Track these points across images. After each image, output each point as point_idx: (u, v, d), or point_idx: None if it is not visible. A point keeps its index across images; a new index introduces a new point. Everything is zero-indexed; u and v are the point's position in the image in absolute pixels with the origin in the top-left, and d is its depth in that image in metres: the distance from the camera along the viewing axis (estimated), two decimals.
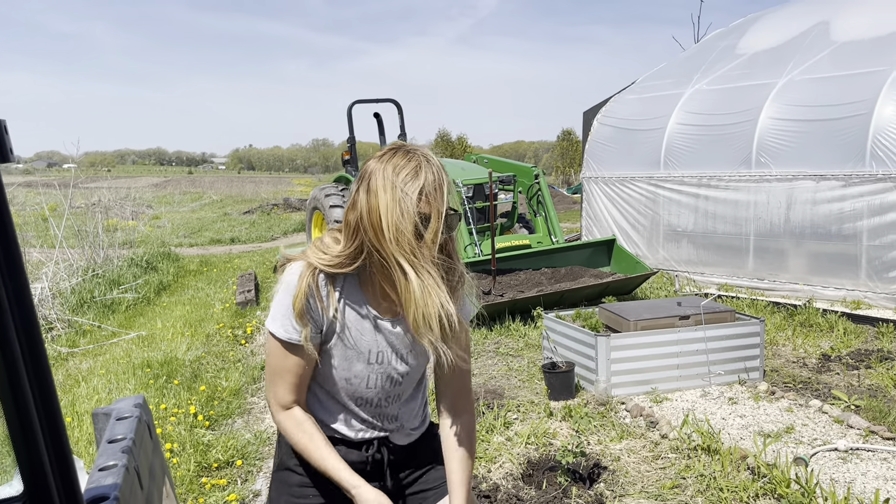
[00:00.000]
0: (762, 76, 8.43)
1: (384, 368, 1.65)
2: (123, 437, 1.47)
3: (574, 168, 35.80)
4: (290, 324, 1.54)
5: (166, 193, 39.12)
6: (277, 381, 1.60)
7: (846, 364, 5.25)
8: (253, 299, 8.29)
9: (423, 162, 1.47)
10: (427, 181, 1.45)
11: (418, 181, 1.44)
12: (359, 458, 1.69)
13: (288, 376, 1.59)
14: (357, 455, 1.69)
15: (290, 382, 1.60)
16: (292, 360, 1.58)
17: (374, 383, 1.66)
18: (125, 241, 13.06)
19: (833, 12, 8.81)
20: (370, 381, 1.65)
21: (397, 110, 10.06)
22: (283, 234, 17.93)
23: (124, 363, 5.83)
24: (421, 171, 1.45)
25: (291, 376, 1.59)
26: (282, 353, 1.57)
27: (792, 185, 7.52)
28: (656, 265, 8.77)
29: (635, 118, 9.52)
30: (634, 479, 3.52)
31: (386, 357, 1.65)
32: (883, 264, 6.84)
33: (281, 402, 1.61)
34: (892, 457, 3.65)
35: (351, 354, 1.61)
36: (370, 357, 1.63)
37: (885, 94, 6.96)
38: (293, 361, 1.58)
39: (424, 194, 1.44)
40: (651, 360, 4.72)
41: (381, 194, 1.45)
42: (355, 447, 1.70)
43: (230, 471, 3.88)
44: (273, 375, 1.61)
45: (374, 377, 1.65)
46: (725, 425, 4.19)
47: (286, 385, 1.60)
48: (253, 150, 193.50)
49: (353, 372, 1.63)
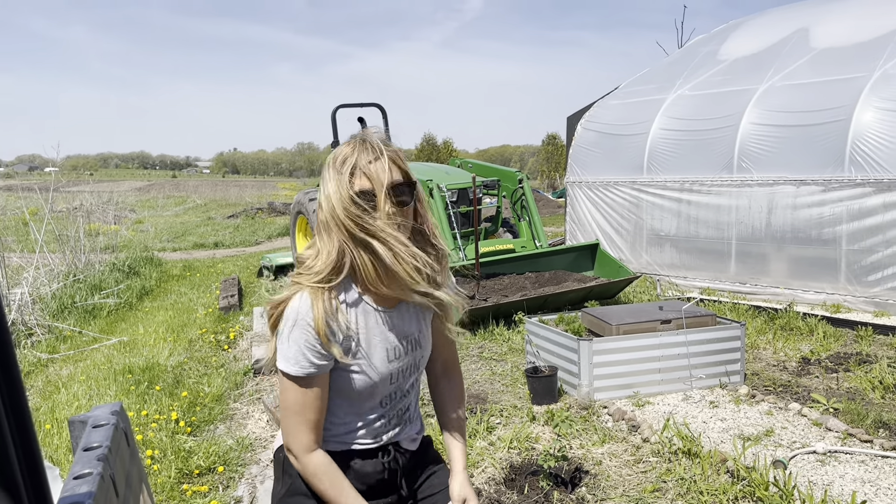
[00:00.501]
0: (743, 82, 8.51)
1: (402, 361, 1.67)
2: (99, 445, 1.46)
3: (559, 172, 35.96)
4: (307, 358, 1.53)
5: (150, 197, 38.88)
6: (298, 422, 1.57)
7: (825, 367, 5.31)
8: (236, 304, 8.25)
9: (358, 143, 1.54)
10: (360, 158, 1.51)
11: (351, 160, 1.51)
12: (374, 469, 1.70)
13: (309, 413, 1.57)
14: (373, 466, 1.70)
15: (311, 420, 1.57)
16: (311, 395, 1.56)
17: (396, 378, 1.68)
18: (107, 245, 12.97)
19: (812, 19, 8.92)
20: (392, 378, 1.67)
21: (382, 115, 10.05)
22: (267, 239, 17.87)
23: (105, 369, 5.78)
24: (355, 151, 1.52)
25: (312, 412, 1.57)
26: (299, 391, 1.56)
27: (773, 189, 7.60)
28: (639, 269, 8.82)
29: (619, 123, 9.59)
30: (616, 483, 3.54)
31: (401, 350, 1.67)
32: (862, 268, 6.93)
33: (304, 447, 1.58)
34: (870, 459, 3.69)
35: (371, 361, 1.62)
36: (389, 355, 1.64)
37: (863, 100, 7.05)
38: (312, 395, 1.56)
39: (358, 170, 1.50)
40: (633, 364, 4.75)
41: (328, 184, 1.52)
42: (371, 457, 1.70)
43: (212, 477, 3.85)
44: (292, 418, 1.57)
45: (395, 373, 1.67)
46: (706, 429, 4.22)
47: (307, 424, 1.57)
48: (238, 154, 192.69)
49: (377, 376, 1.63)
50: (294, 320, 1.53)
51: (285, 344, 1.54)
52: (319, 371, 1.55)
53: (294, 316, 1.53)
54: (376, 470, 1.70)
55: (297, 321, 1.52)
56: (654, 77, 10.09)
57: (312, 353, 1.53)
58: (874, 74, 7.22)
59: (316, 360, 1.53)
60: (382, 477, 1.71)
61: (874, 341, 5.98)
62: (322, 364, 1.55)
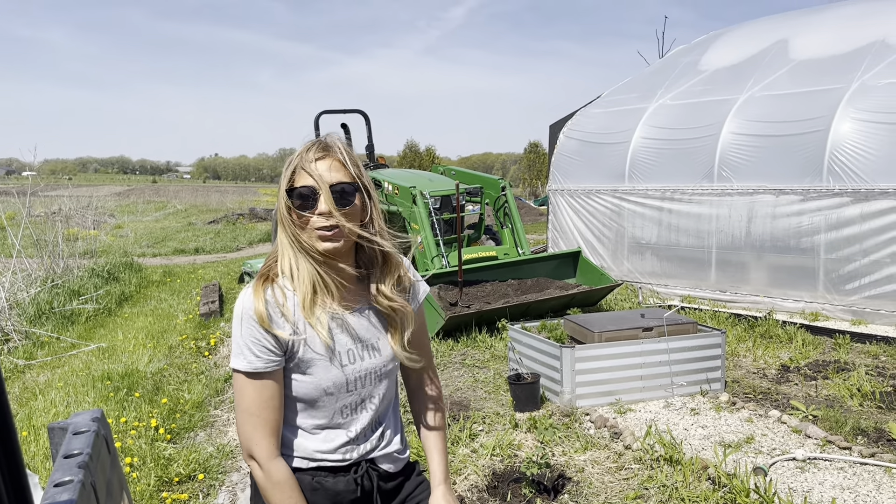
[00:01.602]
0: (724, 92, 8.61)
1: (359, 366, 1.60)
2: (80, 452, 1.44)
3: (541, 180, 36.10)
4: (253, 352, 1.50)
5: (129, 202, 38.52)
6: (255, 424, 1.52)
7: (804, 375, 5.37)
8: (217, 310, 8.19)
9: (312, 144, 1.53)
10: (304, 157, 1.50)
11: (297, 158, 1.51)
12: (346, 487, 1.62)
13: (266, 412, 1.52)
14: (345, 483, 1.62)
15: (270, 421, 1.53)
16: (266, 393, 1.52)
17: (354, 385, 1.60)
18: (86, 250, 12.83)
19: (791, 31, 9.05)
20: (350, 385, 1.59)
21: (365, 121, 10.05)
22: (248, 245, 17.76)
23: (83, 375, 5.71)
24: (301, 150, 1.52)
25: (269, 411, 1.53)
26: (252, 389, 1.52)
27: (752, 199, 7.68)
28: (621, 277, 8.87)
29: (601, 132, 9.65)
30: (598, 490, 3.54)
31: (355, 354, 1.60)
32: (840, 277, 7.01)
33: (262, 452, 1.52)
34: (849, 466, 3.73)
35: (322, 362, 1.56)
36: (342, 359, 1.58)
37: (841, 111, 7.15)
38: (267, 394, 1.52)
39: (299, 167, 1.49)
40: (615, 372, 4.77)
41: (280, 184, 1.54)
42: (343, 472, 1.63)
43: (192, 485, 3.81)
44: (248, 419, 1.53)
45: (352, 379, 1.59)
46: (687, 436, 4.25)
47: (267, 426, 1.53)
48: (219, 160, 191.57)
49: (331, 380, 1.56)
50: (239, 316, 1.52)
51: (234, 340, 1.53)
52: (268, 366, 1.51)
53: (239, 311, 1.52)
54: (349, 488, 1.62)
55: (241, 316, 1.52)
56: (636, 86, 10.18)
57: (258, 347, 1.50)
58: (852, 86, 7.33)
59: (263, 354, 1.50)
60: (356, 496, 1.63)
61: (852, 349, 6.05)
62: (270, 359, 1.51)
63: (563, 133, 10.16)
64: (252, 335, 1.50)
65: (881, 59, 7.47)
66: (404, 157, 42.63)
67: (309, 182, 1.48)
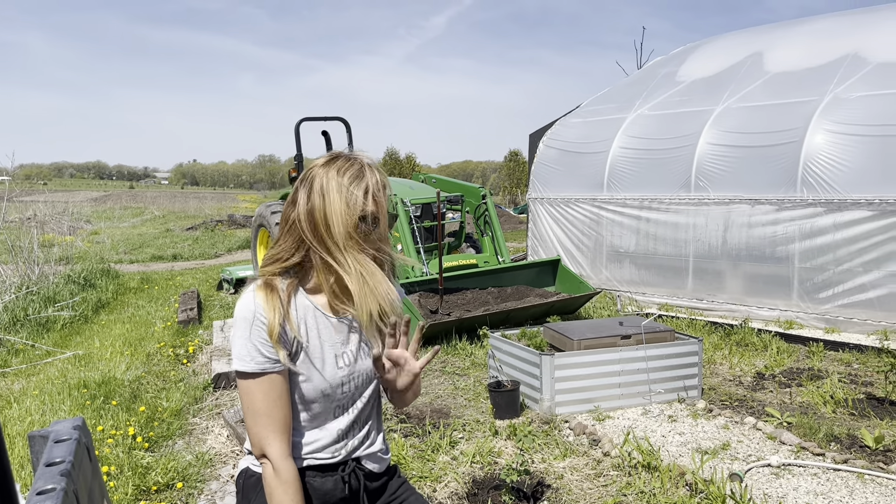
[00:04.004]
0: (700, 103, 8.74)
1: (352, 369, 1.67)
2: (62, 461, 1.45)
3: (521, 189, 36.27)
4: (262, 353, 1.54)
5: (106, 208, 38.12)
6: (265, 423, 1.55)
7: (779, 382, 5.45)
8: (195, 317, 8.14)
9: (365, 165, 1.59)
10: (371, 182, 1.57)
11: (364, 181, 1.56)
12: (336, 486, 1.67)
13: (275, 412, 1.55)
14: (333, 482, 1.67)
15: (281, 419, 1.56)
16: (275, 392, 1.55)
17: (348, 386, 1.66)
18: (62, 256, 12.69)
19: (766, 44, 9.21)
20: (344, 386, 1.66)
21: (345, 128, 10.06)
22: (227, 251, 17.65)
23: (59, 383, 5.65)
24: (365, 173, 1.57)
25: (279, 409, 1.56)
26: (261, 389, 1.55)
27: (729, 208, 7.80)
28: (599, 285, 8.94)
29: (580, 141, 9.74)
30: (577, 497, 3.58)
31: (350, 357, 1.67)
32: (814, 286, 7.13)
33: (275, 451, 1.55)
34: (822, 472, 3.79)
35: (319, 364, 1.62)
36: (338, 361, 1.64)
37: (814, 123, 7.29)
38: (276, 393, 1.56)
39: (371, 194, 1.56)
40: (594, 379, 4.81)
41: (327, 194, 1.55)
42: (330, 471, 1.68)
43: (170, 494, 3.79)
44: (259, 419, 1.55)
45: (346, 381, 1.66)
46: (665, 443, 4.30)
47: (276, 424, 1.56)
48: (197, 166, 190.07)
49: (328, 382, 1.62)
50: (248, 319, 1.54)
51: (238, 343, 1.55)
52: (276, 367, 1.55)
53: (247, 314, 1.55)
54: (337, 487, 1.67)
55: (250, 318, 1.54)
56: (615, 97, 10.29)
57: (266, 348, 1.54)
58: (825, 98, 7.48)
59: (270, 354, 1.54)
60: (344, 495, 1.68)
61: (825, 357, 6.16)
62: (275, 359, 1.55)
63: (543, 142, 10.24)
64: (260, 336, 1.54)
65: (853, 73, 7.63)
66: (384, 164, 42.66)
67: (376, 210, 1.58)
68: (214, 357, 6.24)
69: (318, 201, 1.55)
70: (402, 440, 4.24)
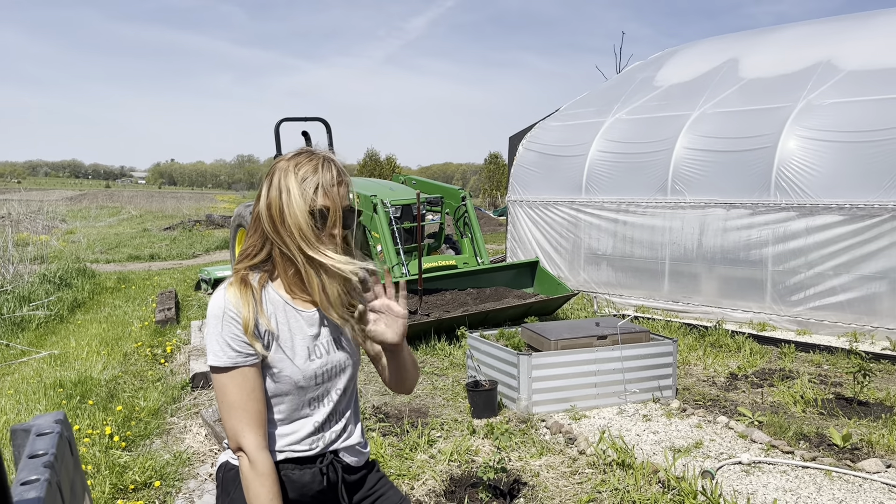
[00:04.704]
0: (677, 108, 8.86)
1: (325, 360, 1.68)
2: (45, 453, 1.46)
3: (500, 191, 36.39)
4: (233, 347, 1.56)
5: (82, 207, 37.67)
6: (240, 416, 1.57)
7: (751, 382, 5.56)
8: (173, 317, 8.10)
9: (322, 161, 1.61)
10: (325, 178, 1.59)
11: (316, 176, 1.58)
12: (314, 479, 1.68)
13: (250, 405, 1.57)
14: (311, 475, 1.68)
15: (255, 412, 1.58)
16: (248, 385, 1.57)
17: (321, 379, 1.68)
18: (37, 256, 12.55)
19: (742, 51, 9.37)
20: (317, 378, 1.67)
21: (326, 129, 10.06)
22: (205, 252, 17.54)
23: (34, 383, 5.61)
24: (320, 168, 1.59)
25: (254, 402, 1.58)
26: (235, 383, 1.57)
27: (704, 212, 7.92)
28: (577, 287, 9.03)
29: (559, 144, 9.83)
30: (553, 494, 3.63)
31: (322, 348, 1.68)
32: (786, 288, 7.27)
33: (250, 444, 1.57)
34: (791, 469, 3.89)
35: (291, 356, 1.63)
36: (310, 354, 1.66)
37: (787, 128, 7.43)
38: (249, 386, 1.57)
39: (322, 188, 1.58)
40: (570, 379, 4.88)
41: (283, 188, 1.59)
42: (309, 464, 1.69)
43: (148, 492, 3.79)
44: (233, 413, 1.57)
45: (319, 373, 1.67)
46: (639, 441, 4.37)
47: (250, 417, 1.57)
48: (175, 165, 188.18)
49: (300, 374, 1.64)
50: (219, 314, 1.57)
51: (210, 339, 1.58)
52: (248, 360, 1.57)
53: (218, 310, 1.58)
54: (315, 479, 1.68)
55: (220, 314, 1.57)
56: (593, 101, 10.40)
57: (237, 343, 1.56)
58: (798, 105, 7.63)
59: (243, 348, 1.57)
60: (322, 488, 1.69)
61: (796, 358, 6.29)
62: (249, 353, 1.57)
63: (523, 145, 10.32)
64: (232, 332, 1.57)
65: (826, 80, 7.79)
66: (365, 165, 42.60)
67: (328, 204, 1.59)
68: (192, 357, 6.22)
69: (275, 195, 1.59)
70: (380, 439, 4.27)
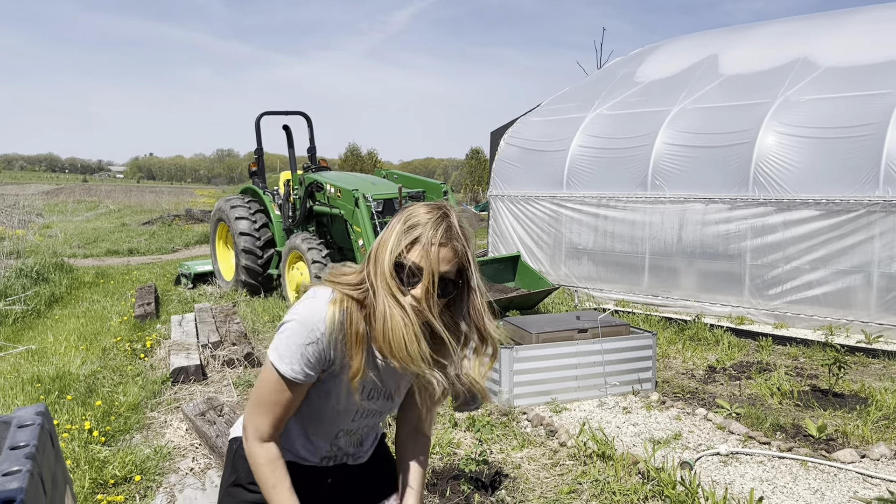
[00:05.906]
0: (658, 104, 8.93)
1: (372, 404, 1.68)
2: (26, 444, 1.46)
3: (482, 186, 36.46)
4: (302, 364, 1.52)
5: (59, 202, 37.17)
6: (265, 413, 1.57)
7: (729, 375, 5.63)
8: (153, 312, 8.04)
9: (434, 218, 1.49)
10: (426, 234, 1.47)
11: (417, 231, 1.47)
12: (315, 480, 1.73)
13: (278, 410, 1.57)
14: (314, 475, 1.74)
15: (278, 416, 1.58)
16: (287, 397, 1.56)
17: (360, 416, 1.69)
18: (13, 250, 12.39)
19: (721, 47, 9.45)
20: (357, 415, 1.68)
21: (307, 123, 10.02)
22: (184, 246, 17.40)
23: (11, 378, 5.54)
24: (429, 224, 1.48)
25: (281, 410, 1.58)
26: (280, 388, 1.55)
27: (684, 207, 7.99)
28: (558, 281, 9.08)
29: (540, 139, 9.87)
30: (534, 486, 3.66)
31: (377, 393, 1.68)
32: (764, 282, 7.36)
33: (261, 434, 1.58)
34: (768, 460, 3.95)
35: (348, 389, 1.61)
36: (364, 393, 1.64)
37: (766, 124, 7.52)
38: (288, 398, 1.57)
39: (420, 243, 1.47)
40: (551, 372, 4.91)
41: (390, 228, 1.51)
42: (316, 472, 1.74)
43: (128, 487, 3.77)
44: (261, 407, 1.58)
45: (361, 412, 1.68)
46: (619, 433, 4.41)
47: (272, 418, 1.58)
48: (153, 159, 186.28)
49: (347, 405, 1.64)
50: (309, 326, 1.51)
51: (289, 343, 1.51)
52: (306, 379, 1.55)
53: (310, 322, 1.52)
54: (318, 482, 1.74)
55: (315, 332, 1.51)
56: (575, 96, 10.45)
57: (311, 366, 1.53)
58: (776, 101, 7.72)
59: (312, 370, 1.54)
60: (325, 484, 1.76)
61: (773, 351, 6.37)
62: (309, 374, 1.55)
63: (504, 140, 10.34)
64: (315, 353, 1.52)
65: (803, 76, 7.89)
66: (346, 160, 42.44)
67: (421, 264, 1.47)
68: (173, 352, 6.18)
69: (384, 232, 1.53)
70: None
